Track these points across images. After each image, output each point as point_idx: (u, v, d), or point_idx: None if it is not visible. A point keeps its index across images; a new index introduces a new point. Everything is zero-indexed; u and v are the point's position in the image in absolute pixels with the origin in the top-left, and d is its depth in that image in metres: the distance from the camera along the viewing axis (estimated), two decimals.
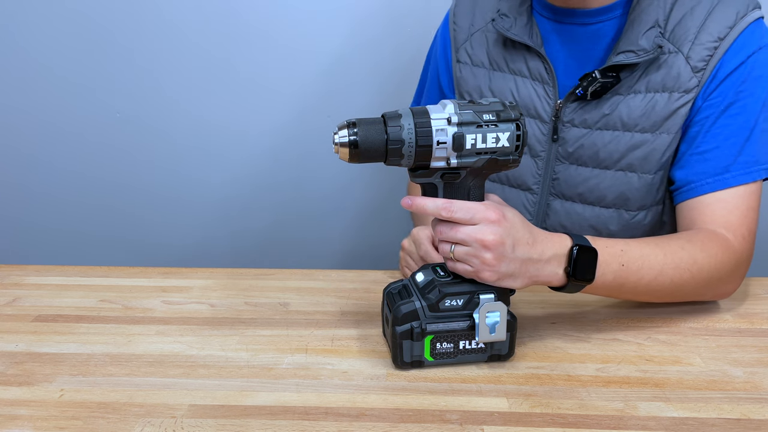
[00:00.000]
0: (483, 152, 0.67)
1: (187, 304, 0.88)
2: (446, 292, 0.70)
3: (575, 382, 0.70)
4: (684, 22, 0.88)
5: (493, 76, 1.01)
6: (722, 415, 0.64)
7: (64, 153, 1.46)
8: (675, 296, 0.84)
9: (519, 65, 0.98)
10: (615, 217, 0.96)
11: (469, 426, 0.63)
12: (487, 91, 1.01)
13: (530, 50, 0.96)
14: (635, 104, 0.90)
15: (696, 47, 0.87)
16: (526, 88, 0.97)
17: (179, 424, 0.63)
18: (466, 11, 1.05)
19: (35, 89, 1.41)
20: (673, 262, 0.79)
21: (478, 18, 1.03)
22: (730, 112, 0.87)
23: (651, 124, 0.90)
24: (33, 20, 1.37)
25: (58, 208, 1.50)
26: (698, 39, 0.87)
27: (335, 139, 0.67)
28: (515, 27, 0.96)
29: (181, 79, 1.40)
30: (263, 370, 0.72)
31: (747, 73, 0.87)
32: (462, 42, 1.04)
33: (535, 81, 0.96)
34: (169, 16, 1.36)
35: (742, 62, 0.86)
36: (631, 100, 0.90)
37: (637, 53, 0.87)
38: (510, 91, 0.98)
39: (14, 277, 0.96)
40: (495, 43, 1.00)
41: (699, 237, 0.83)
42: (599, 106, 0.92)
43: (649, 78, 0.89)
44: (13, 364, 0.74)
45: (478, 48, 1.02)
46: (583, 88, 0.90)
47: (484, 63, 1.02)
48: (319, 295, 0.91)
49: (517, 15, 0.97)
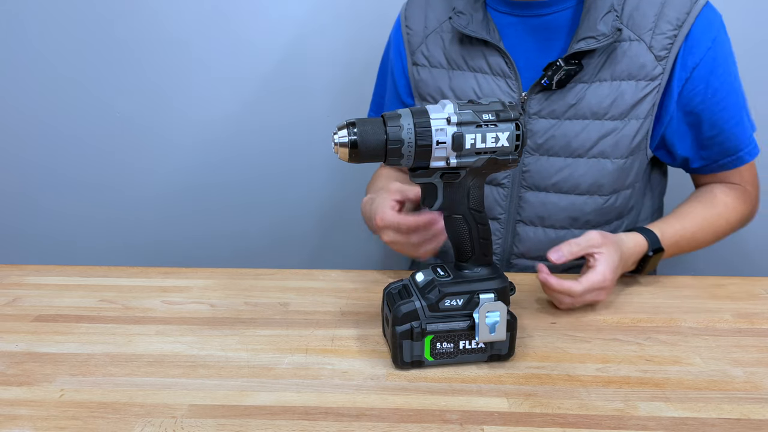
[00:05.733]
0: (482, 152, 0.67)
1: (187, 304, 0.88)
2: (446, 291, 0.70)
3: (575, 382, 0.70)
4: (641, 8, 0.92)
5: (453, 75, 1.01)
6: (722, 415, 0.64)
7: (64, 153, 1.46)
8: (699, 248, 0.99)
9: (479, 62, 0.98)
10: (590, 203, 0.98)
11: (469, 426, 0.63)
12: (449, 91, 1.01)
13: (489, 46, 0.97)
14: (603, 93, 0.93)
15: (657, 36, 0.91)
16: (489, 85, 0.98)
17: (179, 424, 0.63)
18: (418, 14, 1.06)
19: (34, 90, 1.41)
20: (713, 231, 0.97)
21: (432, 19, 1.04)
22: (719, 97, 0.94)
23: (620, 111, 0.93)
24: (30, 22, 1.37)
25: (58, 208, 1.50)
26: (658, 27, 0.91)
27: (335, 139, 0.67)
28: (472, 23, 0.97)
29: (180, 79, 1.40)
30: (263, 370, 0.72)
31: (715, 56, 0.92)
32: (417, 45, 1.05)
33: (497, 76, 0.97)
34: (169, 16, 1.36)
35: (709, 47, 0.92)
36: (598, 88, 0.93)
37: (597, 38, 0.90)
38: (472, 88, 0.99)
39: (14, 277, 0.97)
40: (452, 42, 1.01)
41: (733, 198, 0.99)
42: (564, 95, 0.94)
43: (614, 67, 0.92)
44: (13, 364, 0.74)
45: (435, 49, 1.03)
46: (549, 78, 0.92)
47: (443, 63, 1.02)
48: (319, 295, 0.91)
49: (472, 12, 0.98)
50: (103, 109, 1.42)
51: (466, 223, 0.71)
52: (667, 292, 0.91)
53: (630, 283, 0.94)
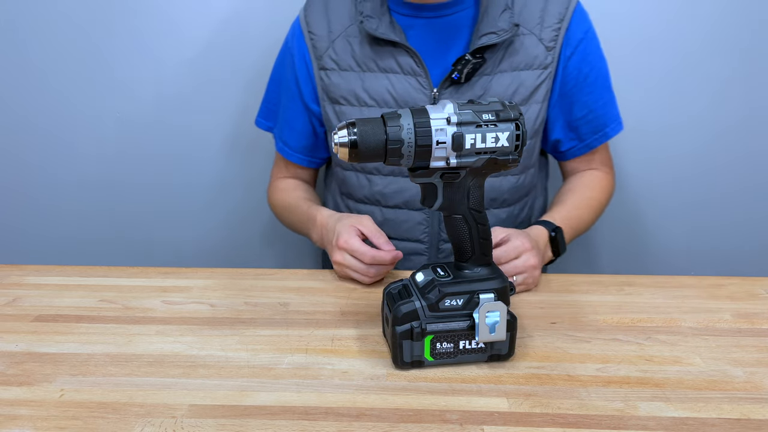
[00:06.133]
0: (482, 152, 0.67)
1: (187, 304, 0.88)
2: (446, 292, 0.70)
3: (575, 382, 0.70)
4: (529, 5, 1.03)
5: (365, 77, 1.04)
6: (722, 415, 0.64)
7: (64, 153, 1.45)
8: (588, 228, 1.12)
9: (389, 63, 1.03)
10: (505, 183, 1.07)
11: (469, 426, 0.63)
12: (362, 92, 1.05)
13: (398, 47, 1.02)
14: (506, 82, 1.02)
15: (545, 29, 1.03)
16: (401, 83, 1.03)
17: (179, 424, 0.63)
18: (320, 19, 1.07)
19: (34, 90, 1.41)
20: (593, 210, 1.10)
21: (335, 24, 1.06)
22: (590, 80, 1.07)
23: (522, 98, 1.03)
24: (30, 23, 1.37)
25: (57, 209, 1.50)
26: (545, 22, 1.03)
27: (335, 139, 0.67)
28: (381, 26, 1.01)
29: (179, 78, 1.40)
30: (263, 370, 0.72)
31: (587, 46, 1.06)
32: (324, 49, 1.07)
33: (408, 75, 1.03)
34: (168, 17, 1.36)
35: (582, 38, 1.05)
36: (500, 78, 1.02)
37: (498, 33, 0.99)
38: (386, 89, 1.03)
39: (14, 277, 0.97)
40: (361, 46, 1.04)
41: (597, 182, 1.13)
42: (472, 87, 1.02)
43: (512, 59, 1.02)
44: (13, 364, 0.74)
45: (343, 53, 1.06)
46: (459, 71, 0.99)
47: (353, 66, 1.05)
48: (319, 295, 0.91)
49: (380, 15, 1.02)
50: (102, 108, 1.42)
51: (466, 223, 0.71)
52: (667, 292, 0.91)
53: (630, 283, 0.94)
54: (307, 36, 1.08)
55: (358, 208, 1.12)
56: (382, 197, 1.08)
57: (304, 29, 1.09)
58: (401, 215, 1.08)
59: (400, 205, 1.08)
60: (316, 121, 1.14)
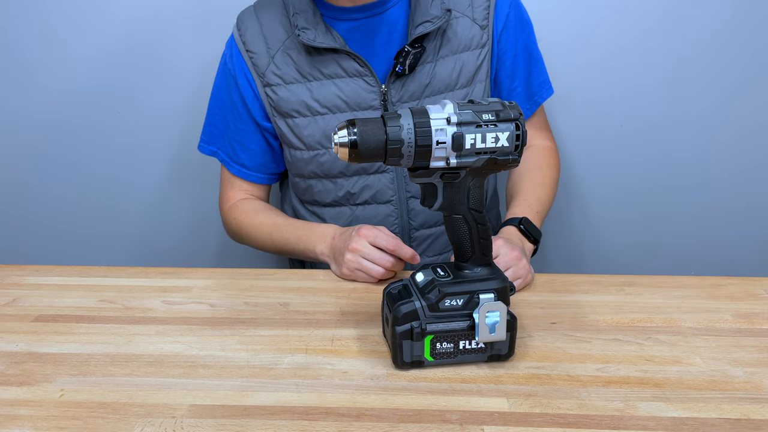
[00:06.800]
0: (482, 152, 0.67)
1: (187, 304, 0.88)
2: (446, 292, 0.70)
3: (575, 382, 0.70)
4: None
5: (312, 86, 1.05)
6: (722, 415, 0.64)
7: (63, 153, 1.45)
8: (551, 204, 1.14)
9: (333, 69, 1.04)
10: None
11: (469, 426, 0.63)
12: (313, 102, 1.05)
13: (338, 53, 1.03)
14: (449, 67, 1.05)
15: (476, 9, 1.06)
16: (349, 86, 1.04)
17: (179, 424, 0.63)
18: (256, 37, 1.07)
19: (34, 89, 1.41)
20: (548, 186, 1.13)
21: (272, 39, 1.06)
22: (518, 51, 1.11)
23: (467, 79, 1.06)
24: (32, 21, 1.37)
25: (57, 209, 1.50)
26: (474, 2, 1.06)
27: (335, 139, 0.67)
28: (318, 35, 1.02)
29: (178, 78, 1.40)
30: (263, 370, 0.72)
31: (514, 19, 1.09)
32: (265, 66, 1.06)
33: (354, 77, 1.04)
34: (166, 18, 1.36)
35: (508, 13, 1.08)
36: (442, 64, 1.05)
37: (432, 21, 1.02)
38: (335, 94, 1.04)
39: (14, 277, 0.97)
40: (302, 56, 1.05)
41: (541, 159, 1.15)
42: (417, 77, 1.04)
43: (450, 44, 1.05)
44: (13, 364, 0.74)
45: (285, 66, 1.05)
46: (401, 63, 1.01)
47: (298, 78, 1.05)
48: (319, 295, 0.91)
49: (315, 25, 1.03)
50: (102, 108, 1.42)
51: (466, 224, 0.71)
52: (667, 292, 0.91)
53: (630, 283, 0.94)
54: (245, 55, 1.07)
55: (325, 212, 1.12)
56: (351, 197, 1.09)
57: (242, 49, 1.08)
58: (370, 211, 1.09)
59: (368, 200, 1.09)
60: (270, 136, 1.13)
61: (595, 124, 1.38)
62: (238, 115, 1.12)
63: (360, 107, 1.05)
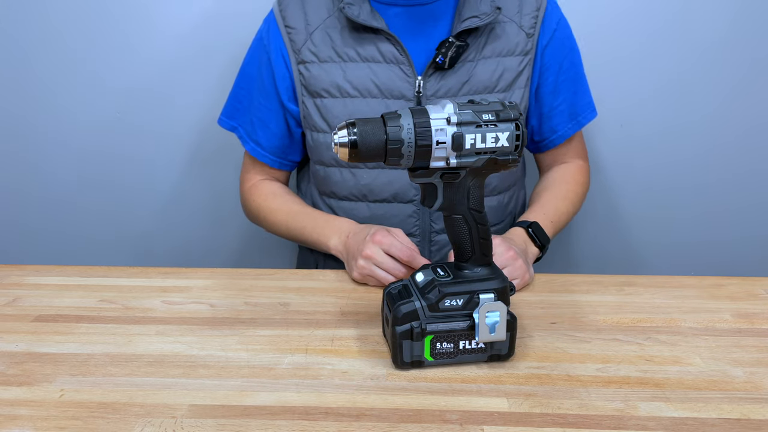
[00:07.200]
0: (482, 152, 0.67)
1: (187, 304, 0.88)
2: (446, 292, 0.70)
3: (575, 382, 0.70)
4: None
5: (347, 67, 1.03)
6: (722, 415, 0.64)
7: (63, 153, 1.45)
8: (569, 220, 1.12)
9: (371, 52, 1.02)
10: None
11: (469, 426, 0.63)
12: (345, 83, 1.03)
13: (379, 35, 1.02)
14: (491, 68, 1.03)
15: (525, 17, 1.05)
16: (385, 72, 1.02)
17: (179, 424, 0.63)
18: (296, 12, 1.06)
19: (33, 90, 1.41)
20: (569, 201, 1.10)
21: (313, 17, 1.05)
22: (564, 69, 1.10)
23: (507, 83, 1.05)
24: (31, 23, 1.37)
25: (57, 209, 1.50)
26: (523, 9, 1.05)
27: (335, 139, 0.67)
28: (362, 13, 1.01)
29: (178, 78, 1.40)
30: (263, 370, 0.72)
31: (561, 35, 1.09)
32: (302, 42, 1.05)
33: (390, 63, 1.02)
34: (165, 20, 1.36)
35: (555, 29, 1.08)
36: (483, 65, 1.03)
37: (480, 17, 1.00)
38: (369, 78, 1.03)
39: (14, 277, 0.97)
40: (341, 36, 1.04)
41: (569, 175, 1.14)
42: (456, 73, 1.02)
43: (494, 45, 1.04)
44: (13, 364, 0.74)
45: (322, 44, 1.04)
46: (443, 54, 1.00)
47: (333, 57, 1.04)
48: (319, 295, 0.91)
49: (360, 3, 1.02)
50: (102, 109, 1.42)
51: (466, 224, 0.71)
52: (667, 292, 0.91)
53: (630, 283, 0.94)
54: (283, 30, 1.06)
55: (342, 206, 1.09)
56: (370, 192, 1.06)
57: (280, 24, 1.07)
58: (391, 209, 1.06)
59: (388, 198, 1.06)
60: (292, 121, 1.12)
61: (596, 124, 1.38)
62: (265, 91, 1.11)
63: (392, 95, 1.02)
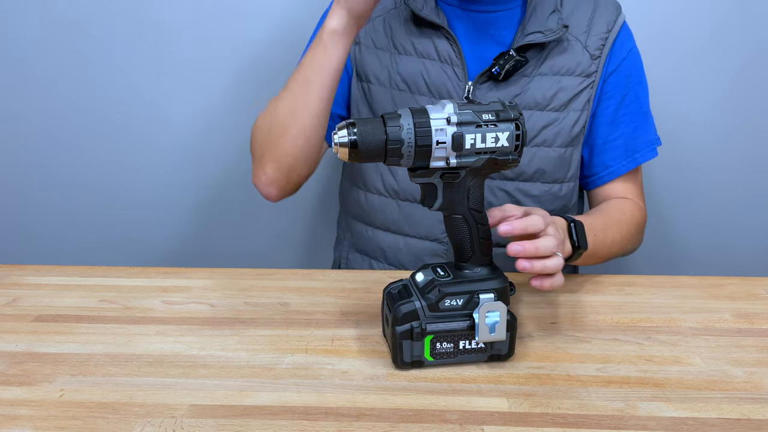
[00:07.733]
0: (482, 152, 0.68)
1: (187, 304, 0.88)
2: (446, 292, 0.70)
3: (575, 382, 0.70)
4: (576, 13, 1.01)
5: (400, 60, 1.02)
6: (722, 415, 0.64)
7: (64, 153, 1.46)
8: (613, 256, 1.00)
9: (427, 48, 1.01)
10: (534, 190, 1.02)
11: (469, 426, 0.63)
12: (395, 75, 1.02)
13: (438, 32, 1.00)
14: (546, 86, 0.99)
15: (592, 37, 1.00)
16: (437, 71, 1.00)
17: (179, 424, 0.63)
18: None
19: (33, 92, 1.41)
20: (617, 230, 0.98)
21: (378, 5, 1.01)
22: (626, 101, 1.03)
23: (561, 103, 1.00)
24: (29, 25, 1.37)
25: (57, 209, 1.50)
26: (591, 30, 1.00)
27: (334, 139, 0.67)
28: (426, 8, 1.00)
29: (178, 78, 1.40)
30: (263, 370, 0.72)
31: (630, 65, 1.03)
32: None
33: (444, 63, 1.00)
34: (166, 22, 1.36)
35: (625, 57, 1.03)
36: (540, 81, 0.99)
37: (544, 33, 0.97)
38: (420, 73, 1.01)
39: (14, 277, 0.96)
40: (401, 28, 1.03)
41: (628, 210, 1.03)
42: (509, 86, 0.99)
43: (554, 62, 0.99)
44: (13, 364, 0.74)
45: (381, 33, 1.04)
46: (500, 66, 0.96)
47: (388, 47, 1.03)
48: (319, 295, 0.91)
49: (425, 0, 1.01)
50: (102, 109, 1.42)
51: (466, 223, 0.71)
52: (667, 292, 0.91)
53: (630, 283, 0.94)
54: None
55: (372, 201, 1.06)
56: (401, 190, 1.02)
57: None
58: (420, 212, 1.02)
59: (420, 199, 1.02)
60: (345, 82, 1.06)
61: None
62: None
63: (440, 95, 1.00)
